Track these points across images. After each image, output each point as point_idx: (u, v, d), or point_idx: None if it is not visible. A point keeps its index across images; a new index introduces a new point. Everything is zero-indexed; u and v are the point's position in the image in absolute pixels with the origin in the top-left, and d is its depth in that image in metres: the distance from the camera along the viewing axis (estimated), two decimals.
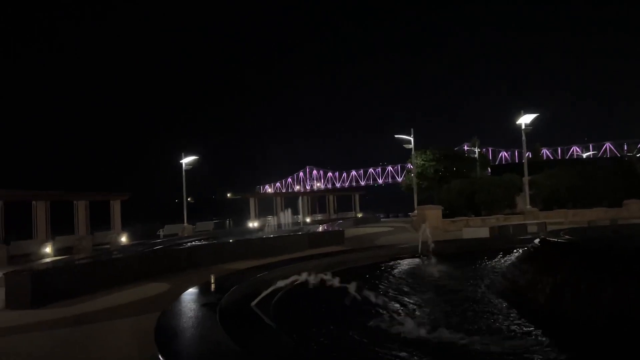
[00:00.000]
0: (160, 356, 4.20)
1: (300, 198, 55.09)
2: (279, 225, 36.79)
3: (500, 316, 6.27)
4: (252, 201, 47.84)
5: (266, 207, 50.19)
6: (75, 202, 29.95)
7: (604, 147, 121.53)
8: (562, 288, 6.44)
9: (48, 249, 25.64)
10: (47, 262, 19.48)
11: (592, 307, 5.80)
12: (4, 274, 11.57)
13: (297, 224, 42.21)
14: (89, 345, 7.16)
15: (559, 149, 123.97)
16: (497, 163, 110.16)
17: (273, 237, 22.79)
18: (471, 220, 31.15)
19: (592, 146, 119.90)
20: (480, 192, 35.04)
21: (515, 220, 27.66)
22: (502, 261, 10.55)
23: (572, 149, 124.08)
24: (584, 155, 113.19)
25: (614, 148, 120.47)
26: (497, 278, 8.41)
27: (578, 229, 11.05)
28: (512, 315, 6.30)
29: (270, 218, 40.67)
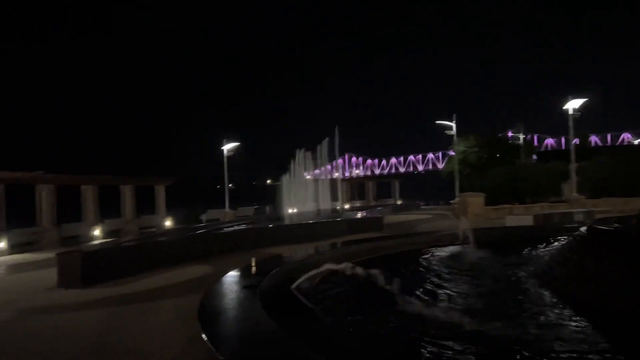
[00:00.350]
0: (203, 333, 4.35)
1: (339, 184, 55.09)
2: (319, 212, 36.96)
3: (545, 308, 6.12)
4: (289, 187, 48.16)
5: (307, 194, 50.39)
6: (121, 186, 30.97)
7: None
8: (610, 278, 6.24)
9: (97, 232, 26.70)
10: (96, 244, 20.32)
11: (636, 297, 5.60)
12: (56, 254, 12.12)
13: (337, 210, 42.29)
14: (139, 322, 7.46)
15: (608, 135, 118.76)
16: (542, 150, 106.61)
17: (312, 222, 22.95)
18: (515, 208, 30.42)
19: None
20: (524, 179, 34.10)
21: (561, 209, 26.83)
22: (547, 250, 10.29)
23: (622, 136, 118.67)
24: (636, 142, 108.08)
25: None
26: (540, 267, 8.21)
27: (628, 217, 10.65)
28: (558, 305, 6.15)
29: (310, 204, 40.90)
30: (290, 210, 42.65)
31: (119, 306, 8.84)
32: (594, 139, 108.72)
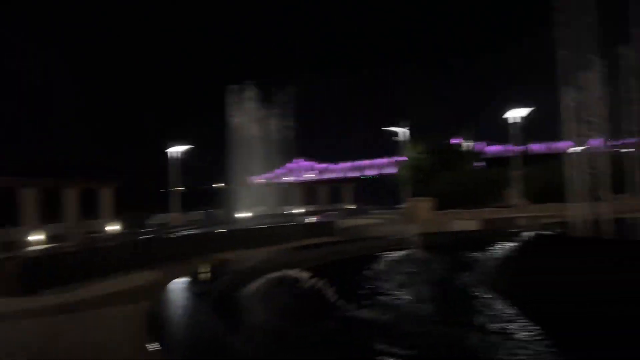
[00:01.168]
0: (150, 341, 4.22)
1: (290, 188, 55.02)
2: (270, 216, 36.79)
3: (491, 311, 6.30)
4: (242, 191, 47.78)
5: (257, 198, 50.14)
6: (64, 190, 29.74)
7: (594, 142, 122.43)
8: (554, 280, 6.51)
9: (38, 237, 25.48)
10: (37, 250, 19.36)
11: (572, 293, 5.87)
12: None
13: (288, 215, 42.23)
14: (80, 332, 7.15)
15: (550, 143, 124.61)
16: (488, 157, 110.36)
17: (263, 227, 22.79)
18: (462, 213, 31.29)
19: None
20: (470, 185, 35.21)
21: (506, 214, 27.85)
22: (491, 254, 10.64)
23: (561, 144, 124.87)
24: (579, 150, 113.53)
25: (604, 143, 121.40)
26: (486, 271, 8.49)
27: (570, 222, 11.18)
28: (505, 310, 6.34)
29: (261, 208, 40.69)
30: (241, 215, 42.17)
31: (61, 314, 8.44)
32: (535, 146, 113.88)
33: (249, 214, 40.23)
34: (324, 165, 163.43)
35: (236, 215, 42.25)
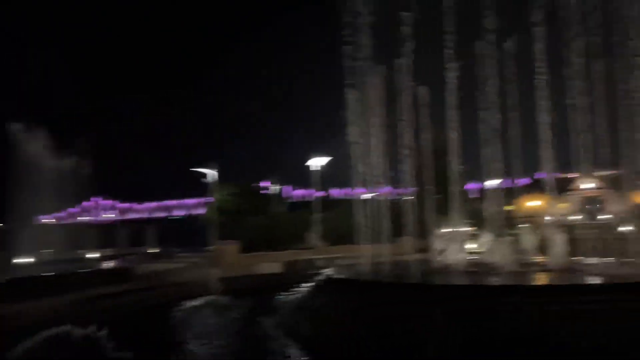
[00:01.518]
0: None
1: (86, 230, 50.04)
2: (61, 261, 32.64)
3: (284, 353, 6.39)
4: (25, 232, 41.62)
5: (46, 240, 44.19)
6: None
7: (384, 189, 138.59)
8: (344, 321, 6.91)
9: None
10: None
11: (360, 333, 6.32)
12: None
13: (81, 260, 38.05)
14: None
15: (347, 189, 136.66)
16: (292, 201, 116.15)
17: (49, 275, 20.00)
18: (267, 255, 31.91)
19: (373, 189, 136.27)
20: (276, 228, 36.35)
21: (306, 255, 29.22)
22: (292, 296, 10.94)
23: (357, 190, 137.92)
24: (367, 197, 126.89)
25: (392, 191, 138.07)
26: (284, 314, 8.65)
27: (363, 264, 12.17)
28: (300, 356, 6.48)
29: (49, 252, 35.93)
30: (21, 260, 36.57)
31: None
32: (335, 192, 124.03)
33: (31, 259, 35.09)
34: (127, 205, 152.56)
35: (15, 260, 36.47)
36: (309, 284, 10.46)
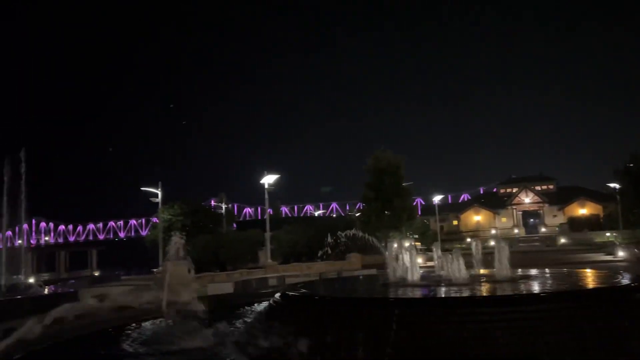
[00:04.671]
0: None
1: (23, 254, 47.40)
2: None
3: None
4: None
5: None
6: None
7: (331, 206, 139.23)
8: (300, 341, 6.86)
9: None
10: None
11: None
12: None
13: (17, 286, 35.86)
14: None
15: (296, 207, 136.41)
16: (242, 219, 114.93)
17: None
18: (217, 275, 31.35)
19: (322, 205, 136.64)
20: (225, 247, 35.80)
21: (257, 274, 28.93)
22: (244, 318, 10.77)
23: (306, 208, 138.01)
24: (316, 214, 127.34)
25: (339, 208, 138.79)
26: (238, 339, 8.47)
27: (312, 282, 12.12)
28: None
29: None
30: None
31: None
32: (284, 209, 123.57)
33: None
34: (68, 227, 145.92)
35: None
36: (261, 303, 10.33)
